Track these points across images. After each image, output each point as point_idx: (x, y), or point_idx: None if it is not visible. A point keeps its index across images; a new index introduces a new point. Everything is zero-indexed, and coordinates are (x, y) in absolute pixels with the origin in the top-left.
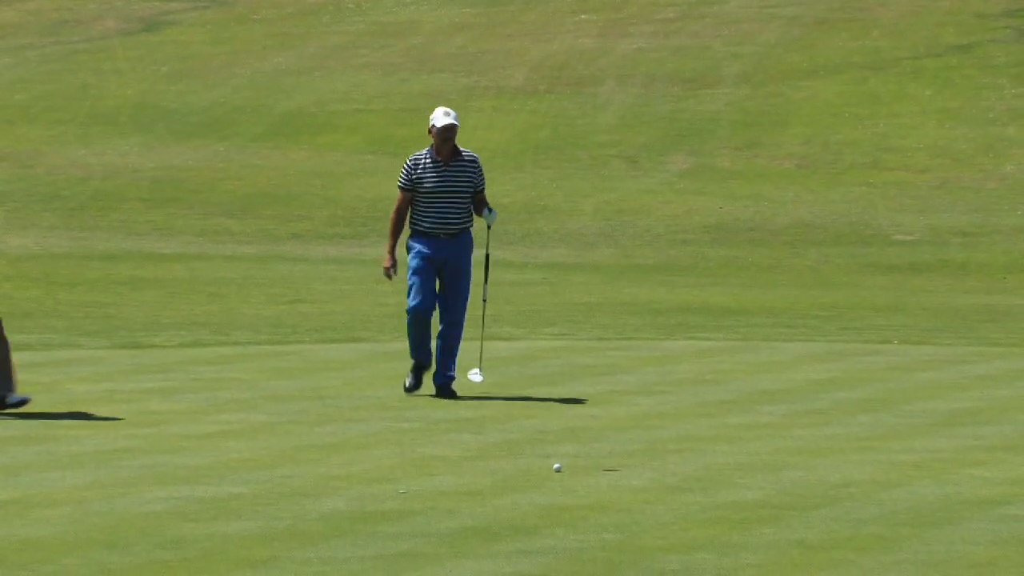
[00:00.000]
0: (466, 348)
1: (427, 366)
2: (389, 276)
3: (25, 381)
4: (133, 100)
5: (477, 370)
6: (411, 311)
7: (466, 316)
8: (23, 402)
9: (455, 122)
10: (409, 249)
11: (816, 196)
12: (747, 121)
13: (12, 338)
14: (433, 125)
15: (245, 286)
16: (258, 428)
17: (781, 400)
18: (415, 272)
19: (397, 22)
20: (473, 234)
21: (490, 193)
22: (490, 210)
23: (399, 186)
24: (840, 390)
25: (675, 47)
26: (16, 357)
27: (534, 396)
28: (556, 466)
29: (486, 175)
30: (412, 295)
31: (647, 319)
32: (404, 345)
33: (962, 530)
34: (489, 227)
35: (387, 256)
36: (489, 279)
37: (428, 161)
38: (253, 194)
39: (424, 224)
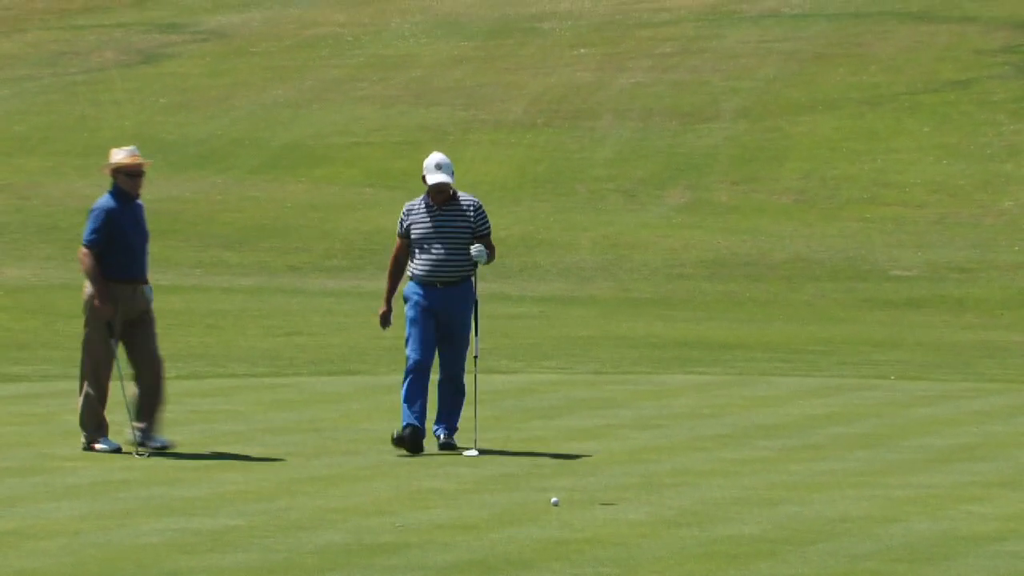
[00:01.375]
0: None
1: (422, 435)
2: (384, 324)
3: (22, 412)
4: (131, 132)
5: (474, 450)
6: (410, 365)
7: (465, 369)
8: (166, 447)
9: (447, 179)
10: (406, 298)
11: (813, 231)
12: (745, 156)
13: (9, 370)
14: (424, 177)
15: (242, 318)
16: (255, 460)
17: (777, 435)
18: (413, 323)
19: (395, 55)
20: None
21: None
22: (485, 250)
23: (397, 233)
24: (836, 425)
25: (673, 81)
26: (22, 388)
27: (531, 429)
28: (553, 500)
29: (484, 208)
30: (411, 347)
31: (644, 353)
32: (398, 379)
33: (958, 566)
34: (477, 265)
35: (383, 303)
36: (479, 332)
37: (422, 207)
38: (250, 226)
39: (420, 271)
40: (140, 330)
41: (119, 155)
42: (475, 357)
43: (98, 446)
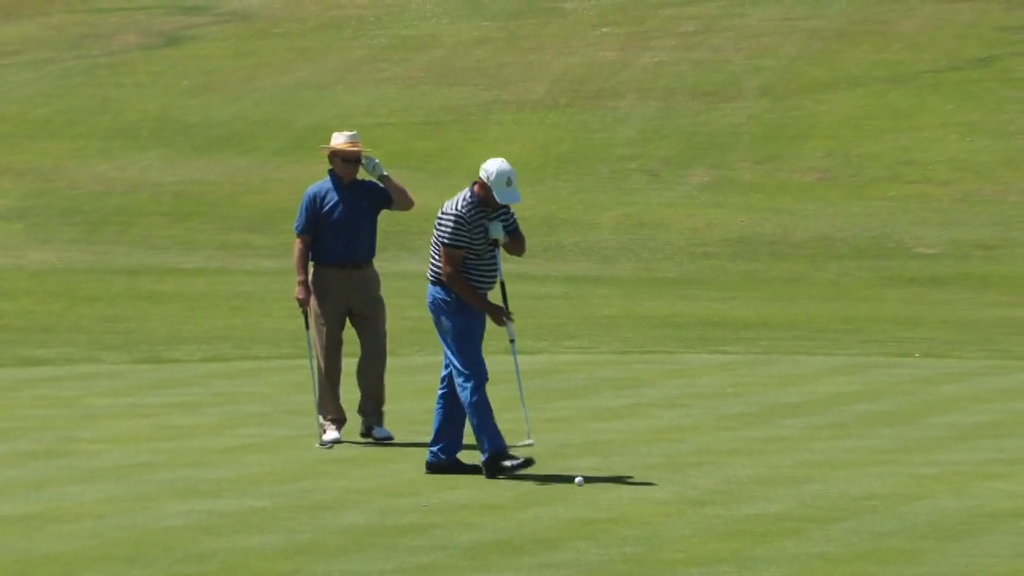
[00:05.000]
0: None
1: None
2: (508, 321)
3: (47, 395)
4: (154, 114)
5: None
6: (482, 381)
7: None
8: (388, 438)
9: (519, 200)
10: (448, 308)
11: (837, 209)
12: (768, 134)
13: (33, 353)
14: (488, 188)
15: (266, 300)
16: (279, 442)
17: (802, 413)
18: (473, 335)
19: (418, 36)
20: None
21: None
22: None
23: (454, 244)
24: (861, 403)
25: (696, 60)
26: (46, 371)
27: (555, 409)
28: (578, 479)
29: None
30: (477, 362)
31: (668, 332)
32: (426, 359)
33: (983, 543)
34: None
35: (498, 315)
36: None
37: (478, 216)
38: (274, 208)
39: (480, 283)
40: (365, 320)
41: (338, 139)
42: (512, 341)
43: (324, 437)
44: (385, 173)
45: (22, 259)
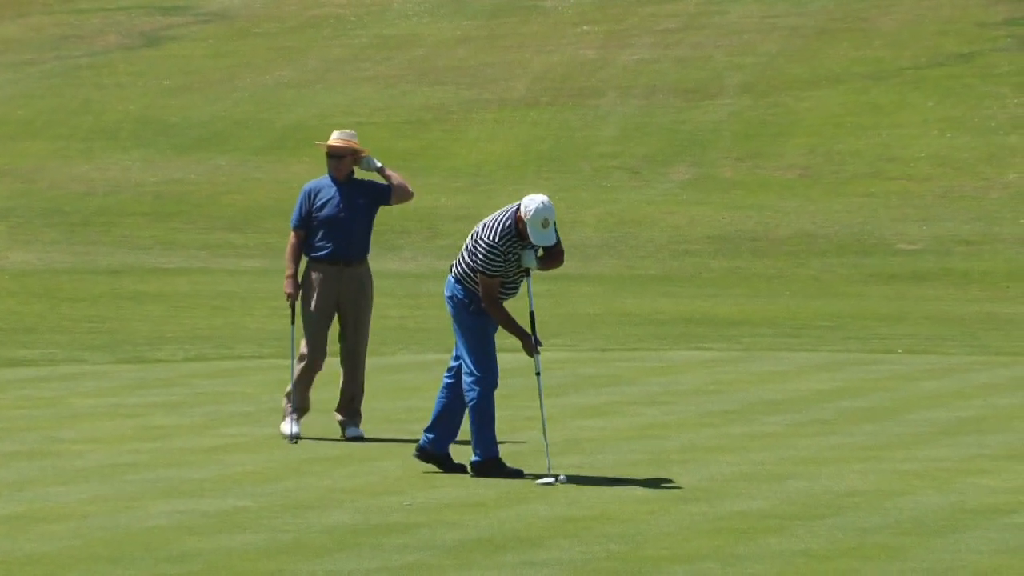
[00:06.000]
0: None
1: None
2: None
3: (30, 396)
4: (135, 115)
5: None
6: (493, 385)
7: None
8: (359, 437)
9: (552, 244)
10: (466, 303)
11: (818, 206)
12: (749, 131)
13: (16, 354)
14: (525, 223)
15: (248, 300)
16: (262, 441)
17: (785, 410)
18: (489, 336)
19: (399, 35)
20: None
21: (492, 204)
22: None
23: (489, 274)
24: (843, 399)
25: (676, 58)
26: (29, 372)
27: (538, 407)
28: (561, 477)
29: (488, 187)
30: (493, 365)
31: (650, 330)
32: (410, 358)
33: (967, 539)
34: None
35: (528, 344)
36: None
37: (517, 244)
38: (255, 207)
39: (504, 296)
40: (350, 320)
41: (332, 136)
42: (537, 374)
43: (282, 425)
44: (380, 165)
45: (4, 260)
